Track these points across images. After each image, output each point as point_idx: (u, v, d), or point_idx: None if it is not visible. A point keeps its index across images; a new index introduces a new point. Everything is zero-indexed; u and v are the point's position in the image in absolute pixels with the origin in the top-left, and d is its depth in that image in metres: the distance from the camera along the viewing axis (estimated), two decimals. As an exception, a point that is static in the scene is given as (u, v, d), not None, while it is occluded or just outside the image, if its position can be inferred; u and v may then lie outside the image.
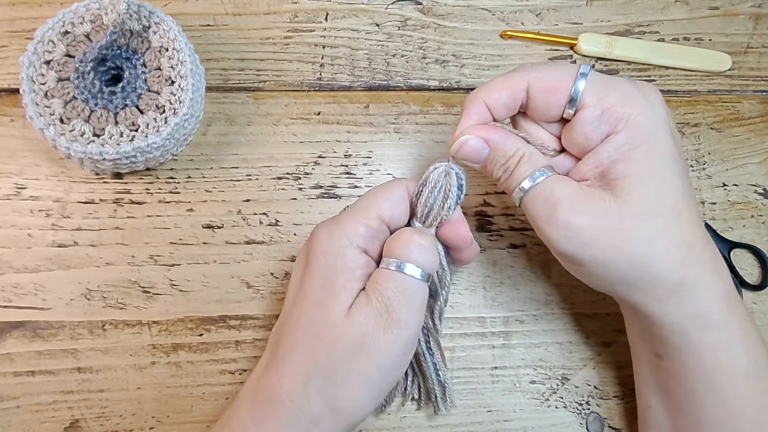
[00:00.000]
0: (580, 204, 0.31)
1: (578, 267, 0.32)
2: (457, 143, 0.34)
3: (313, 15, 0.45)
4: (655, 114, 0.31)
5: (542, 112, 0.33)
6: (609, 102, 0.31)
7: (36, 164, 0.41)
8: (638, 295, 0.32)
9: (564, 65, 0.34)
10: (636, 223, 0.30)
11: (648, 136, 0.31)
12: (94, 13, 0.39)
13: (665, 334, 0.33)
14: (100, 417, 0.38)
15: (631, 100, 0.31)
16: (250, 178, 0.42)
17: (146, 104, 0.38)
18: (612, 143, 0.31)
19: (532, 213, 0.32)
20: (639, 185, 0.31)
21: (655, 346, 0.34)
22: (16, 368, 0.39)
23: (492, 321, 0.42)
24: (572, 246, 0.31)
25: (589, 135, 0.32)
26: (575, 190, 0.32)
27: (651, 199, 0.31)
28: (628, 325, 0.37)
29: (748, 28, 0.48)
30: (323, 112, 0.44)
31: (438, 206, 0.34)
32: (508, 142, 0.33)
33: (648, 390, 0.36)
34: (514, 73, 0.33)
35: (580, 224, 0.31)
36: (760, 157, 0.45)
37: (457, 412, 0.40)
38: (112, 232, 0.41)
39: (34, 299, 0.39)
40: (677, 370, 0.33)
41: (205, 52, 0.43)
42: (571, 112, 0.32)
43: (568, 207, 0.31)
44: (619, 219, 0.30)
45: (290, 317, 0.32)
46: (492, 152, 0.33)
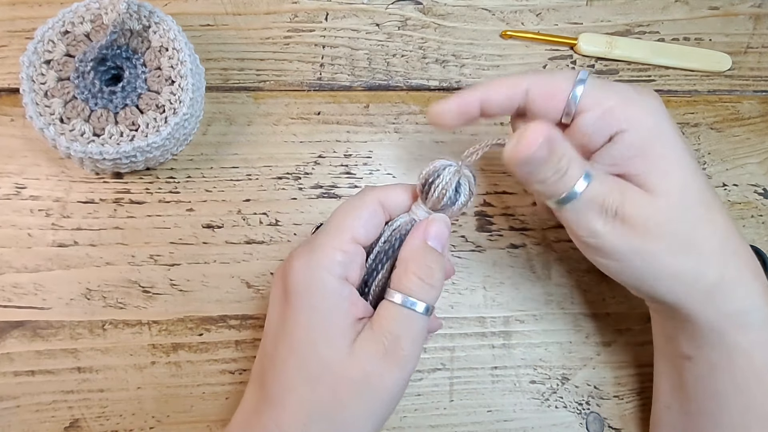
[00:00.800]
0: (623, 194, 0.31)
1: (618, 263, 0.32)
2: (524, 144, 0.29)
3: (313, 15, 0.45)
4: (657, 113, 0.32)
5: (541, 116, 0.33)
6: (608, 104, 0.32)
7: (36, 164, 0.41)
8: (676, 292, 0.31)
9: (563, 71, 0.34)
10: (672, 214, 0.31)
11: (658, 132, 0.31)
12: (94, 13, 0.39)
13: (700, 334, 0.32)
14: (100, 417, 0.38)
15: (630, 101, 0.32)
16: (250, 177, 0.42)
17: (146, 104, 0.38)
18: (623, 141, 0.31)
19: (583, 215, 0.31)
20: (666, 178, 0.31)
21: (685, 347, 0.34)
22: (16, 368, 0.39)
23: (492, 321, 0.42)
24: (619, 238, 0.31)
25: (591, 137, 0.32)
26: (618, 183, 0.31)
27: (681, 191, 0.31)
28: (656, 327, 0.37)
29: (748, 28, 0.48)
30: (323, 111, 0.44)
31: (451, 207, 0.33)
32: (566, 144, 0.30)
33: (669, 391, 0.36)
34: (513, 76, 0.34)
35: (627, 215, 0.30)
36: (760, 157, 0.45)
37: (457, 412, 0.40)
38: (112, 231, 0.41)
39: (34, 299, 0.39)
40: (706, 372, 0.33)
41: (205, 52, 0.43)
42: (569, 118, 0.33)
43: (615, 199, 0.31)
44: (656, 211, 0.30)
45: (276, 357, 0.30)
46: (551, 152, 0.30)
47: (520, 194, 0.44)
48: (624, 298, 0.42)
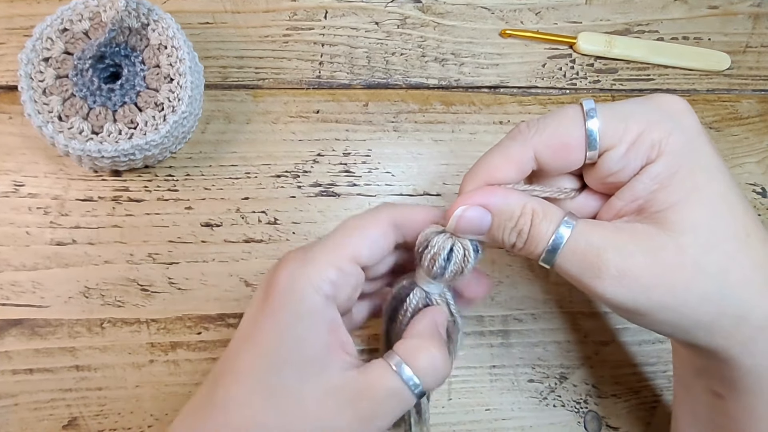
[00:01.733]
0: (626, 246, 0.27)
1: (645, 317, 0.27)
2: (453, 219, 0.29)
3: (312, 13, 0.45)
4: (686, 127, 0.28)
5: (560, 170, 0.29)
6: (632, 134, 0.27)
7: (34, 162, 0.41)
8: (718, 338, 0.27)
9: (564, 113, 0.29)
10: (700, 253, 0.26)
11: (686, 155, 0.27)
12: (92, 11, 0.39)
13: (738, 378, 0.28)
14: (98, 415, 0.38)
15: (654, 123, 0.27)
16: (249, 176, 0.42)
17: (145, 102, 0.38)
18: (648, 174, 0.27)
19: (573, 272, 0.27)
20: (690, 211, 0.27)
21: (716, 386, 0.30)
22: (14, 366, 0.39)
23: (490, 320, 0.42)
24: (633, 296, 0.26)
25: (619, 174, 0.28)
26: (615, 231, 0.27)
27: (709, 224, 0.27)
28: (681, 360, 0.33)
29: (747, 27, 0.48)
30: (322, 110, 0.44)
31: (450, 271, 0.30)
32: (512, 201, 0.28)
33: (693, 423, 0.33)
34: (512, 143, 0.29)
35: (636, 269, 0.26)
36: (759, 156, 0.45)
37: (455, 410, 0.40)
38: (111, 230, 0.40)
39: (32, 297, 0.39)
40: (740, 414, 0.29)
41: (204, 50, 0.43)
42: (595, 157, 0.28)
43: (615, 253, 0.26)
44: (679, 253, 0.26)
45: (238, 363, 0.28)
46: (496, 218, 0.28)
47: (519, 193, 0.44)
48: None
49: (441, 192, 0.43)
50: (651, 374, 0.42)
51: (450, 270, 0.30)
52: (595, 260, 0.27)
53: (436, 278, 0.30)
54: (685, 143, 0.27)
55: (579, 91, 0.46)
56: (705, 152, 0.28)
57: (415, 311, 0.31)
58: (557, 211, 0.28)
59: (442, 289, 0.31)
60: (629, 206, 0.28)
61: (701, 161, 0.27)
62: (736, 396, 0.29)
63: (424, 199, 0.43)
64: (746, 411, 0.29)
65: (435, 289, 0.31)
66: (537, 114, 0.45)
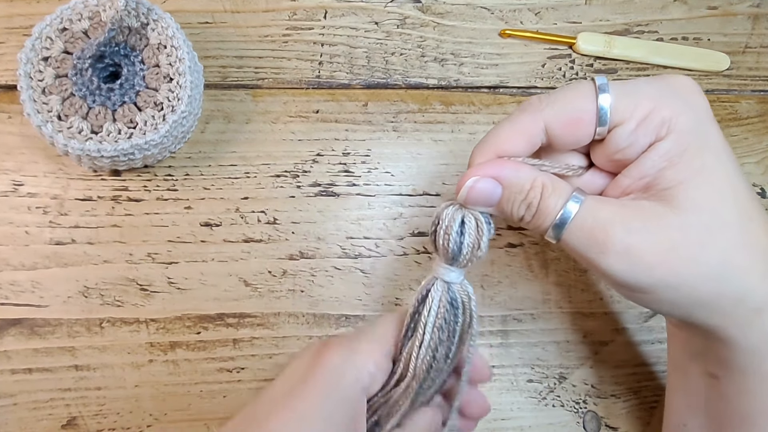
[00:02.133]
0: (632, 222, 0.27)
1: (646, 295, 0.28)
2: (464, 189, 0.29)
3: (311, 13, 0.45)
4: (696, 107, 0.28)
5: (569, 145, 0.29)
6: (642, 111, 0.27)
7: (34, 161, 0.41)
8: (717, 317, 0.28)
9: (576, 88, 0.29)
10: (704, 233, 0.26)
11: (695, 135, 0.27)
12: (92, 10, 0.39)
13: (734, 357, 0.29)
14: (97, 415, 0.38)
15: (665, 101, 0.27)
16: (249, 175, 0.42)
17: (144, 101, 0.38)
18: (656, 151, 0.27)
19: (579, 248, 0.28)
20: (697, 190, 0.27)
21: (712, 367, 0.31)
22: (14, 366, 0.38)
23: (490, 320, 0.42)
24: (637, 272, 0.27)
25: (627, 151, 0.28)
26: (622, 208, 0.27)
27: (715, 204, 0.27)
28: (676, 342, 0.34)
29: (747, 28, 0.48)
30: (322, 110, 0.44)
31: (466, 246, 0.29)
32: (522, 174, 0.28)
33: (687, 408, 0.33)
34: (523, 115, 0.29)
35: (641, 245, 0.26)
36: (758, 156, 0.45)
37: (454, 410, 0.40)
38: (110, 229, 0.40)
39: (31, 297, 0.39)
40: (734, 393, 0.30)
41: (204, 50, 0.43)
42: (605, 133, 0.28)
43: (621, 229, 0.26)
44: (685, 231, 0.26)
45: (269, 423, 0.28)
46: (506, 190, 0.29)
47: (519, 193, 0.44)
48: (621, 297, 0.42)
49: (440, 192, 0.43)
50: (650, 374, 0.42)
51: (466, 244, 0.29)
52: (601, 236, 0.27)
53: (454, 259, 0.30)
54: (695, 123, 0.27)
55: (578, 91, 0.46)
56: (713, 133, 0.28)
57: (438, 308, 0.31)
58: (566, 186, 0.28)
59: (462, 279, 0.31)
60: (636, 183, 0.28)
61: (710, 142, 0.27)
62: (730, 375, 0.30)
63: (423, 199, 0.43)
64: (741, 390, 0.29)
65: (455, 278, 0.31)
66: (536, 114, 0.45)
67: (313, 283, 0.41)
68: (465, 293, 0.31)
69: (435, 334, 0.31)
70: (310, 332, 0.40)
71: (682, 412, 0.33)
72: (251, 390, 0.40)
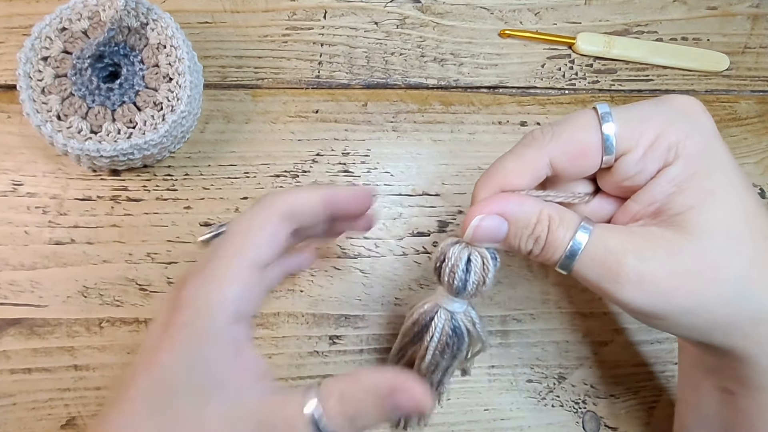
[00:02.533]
0: (644, 251, 0.26)
1: (663, 321, 0.27)
2: (470, 229, 0.28)
3: (311, 13, 0.45)
4: (703, 129, 0.28)
5: (576, 176, 0.29)
6: (648, 137, 0.27)
7: (33, 161, 0.41)
8: (736, 338, 0.27)
9: (579, 119, 0.28)
10: (719, 256, 0.26)
11: (703, 158, 0.27)
12: (91, 10, 0.39)
13: (752, 375, 0.28)
14: (96, 414, 0.38)
15: (671, 125, 0.27)
16: (248, 175, 0.42)
17: (144, 101, 0.38)
18: (665, 176, 0.27)
19: (591, 278, 0.27)
20: (708, 214, 0.26)
21: (727, 382, 0.30)
22: (13, 366, 0.38)
23: (489, 320, 0.42)
24: (653, 301, 0.26)
25: (636, 178, 0.28)
26: (632, 235, 0.27)
27: (728, 227, 0.26)
28: (689, 358, 0.33)
29: (746, 28, 0.48)
30: (321, 110, 0.44)
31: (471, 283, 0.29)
32: (527, 209, 0.28)
33: (698, 422, 0.33)
34: (528, 150, 0.28)
35: (656, 273, 0.26)
36: (757, 157, 0.45)
37: (453, 410, 0.40)
38: (109, 229, 0.40)
39: (30, 296, 0.39)
40: (752, 409, 0.29)
41: (203, 50, 0.43)
42: (611, 161, 0.28)
43: (633, 258, 0.26)
44: (698, 256, 0.26)
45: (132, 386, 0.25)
46: (512, 226, 0.28)
47: (518, 193, 0.44)
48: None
49: (440, 192, 0.43)
50: (649, 374, 0.42)
51: (471, 282, 0.29)
52: (614, 266, 0.26)
53: (459, 294, 0.30)
54: (703, 145, 0.27)
55: (578, 91, 0.46)
56: (722, 154, 0.27)
57: (441, 336, 0.30)
58: (574, 216, 0.28)
59: (465, 307, 0.31)
60: (646, 210, 0.28)
61: (718, 163, 0.27)
62: (747, 392, 0.29)
63: (423, 199, 0.43)
64: (759, 407, 0.29)
65: (459, 307, 0.31)
66: (536, 114, 0.45)
67: (313, 282, 0.41)
68: (469, 320, 0.31)
69: (435, 357, 0.31)
70: (309, 332, 0.40)
71: (695, 425, 0.33)
72: (250, 390, 0.40)
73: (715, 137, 0.28)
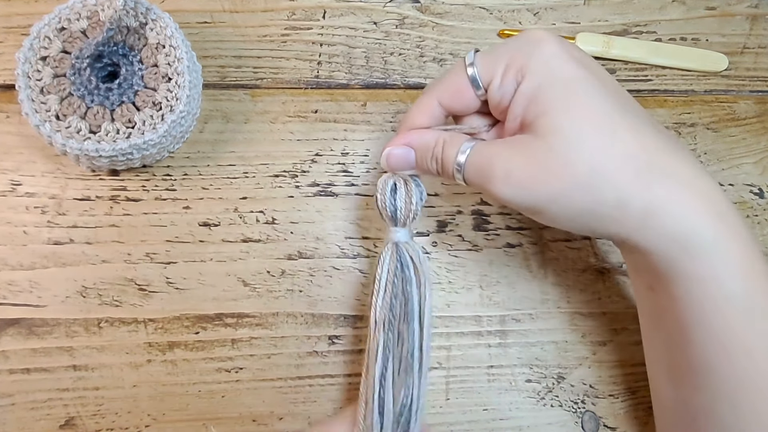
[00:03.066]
0: (509, 153, 0.32)
1: (539, 213, 0.32)
2: (383, 158, 0.36)
3: (310, 13, 0.45)
4: (543, 51, 0.32)
5: (464, 111, 0.36)
6: (501, 67, 0.33)
7: (32, 161, 0.41)
8: (613, 224, 0.31)
9: (452, 68, 0.35)
10: (566, 150, 0.30)
11: (545, 73, 0.31)
12: (90, 9, 0.38)
13: (654, 262, 0.31)
14: (95, 415, 0.38)
15: (516, 52, 0.32)
16: (247, 175, 0.42)
17: (143, 101, 0.38)
18: (519, 93, 0.32)
19: (475, 181, 0.33)
20: (554, 116, 0.31)
21: (647, 278, 0.33)
22: (11, 366, 0.38)
23: (488, 320, 0.42)
24: (519, 193, 0.31)
25: (503, 101, 0.33)
26: (503, 144, 0.32)
27: (572, 125, 0.30)
28: (626, 261, 0.36)
29: (745, 28, 0.48)
30: (320, 110, 0.44)
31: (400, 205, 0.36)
32: (427, 137, 0.35)
33: (646, 324, 0.35)
34: (422, 97, 0.36)
35: (517, 170, 0.31)
36: (756, 157, 0.46)
37: (453, 410, 0.40)
38: (108, 229, 0.40)
39: (29, 296, 0.39)
40: (668, 302, 0.32)
41: (202, 50, 0.43)
42: (484, 96, 0.34)
43: (500, 159, 0.31)
44: (547, 152, 0.30)
45: None
46: (417, 152, 0.35)
47: (517, 193, 0.44)
48: (619, 297, 0.43)
49: (438, 192, 0.43)
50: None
51: (400, 204, 0.36)
52: (487, 168, 0.32)
53: (395, 219, 0.36)
54: (543, 63, 0.31)
55: (577, 91, 0.46)
56: (563, 68, 0.31)
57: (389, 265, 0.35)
58: (462, 137, 0.34)
59: (408, 237, 0.36)
60: (514, 124, 0.33)
61: (560, 76, 0.31)
62: (663, 286, 0.32)
63: (422, 199, 0.43)
64: (671, 298, 0.31)
65: (402, 236, 0.36)
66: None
67: (312, 283, 0.41)
68: (413, 251, 0.36)
69: (389, 287, 0.35)
70: (308, 332, 0.40)
71: (646, 329, 0.36)
72: (249, 390, 0.40)
73: (554, 56, 0.32)
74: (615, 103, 0.31)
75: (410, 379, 0.35)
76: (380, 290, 0.36)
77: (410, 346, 0.35)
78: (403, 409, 0.35)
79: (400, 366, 0.35)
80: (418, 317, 0.35)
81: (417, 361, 0.35)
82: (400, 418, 0.35)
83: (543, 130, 0.31)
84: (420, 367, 0.35)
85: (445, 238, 0.43)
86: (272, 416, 0.39)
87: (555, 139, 0.30)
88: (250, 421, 0.39)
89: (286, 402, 0.40)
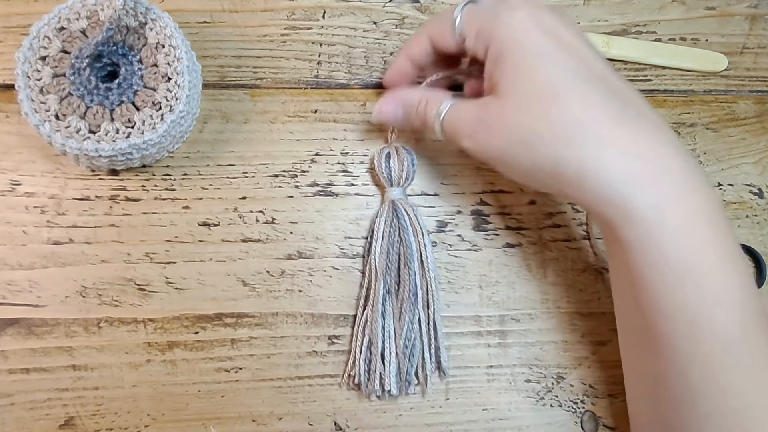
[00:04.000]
0: (476, 114, 0.35)
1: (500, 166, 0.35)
2: (374, 114, 0.40)
3: (310, 12, 0.45)
4: (512, 18, 0.34)
5: (448, 49, 0.38)
6: (477, 25, 0.35)
7: (31, 161, 0.41)
8: (555, 184, 0.33)
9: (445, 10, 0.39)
10: (515, 111, 0.33)
11: (509, 40, 0.33)
12: (90, 9, 0.38)
13: (601, 226, 0.33)
14: (95, 415, 0.38)
15: (492, 16, 0.34)
16: (247, 175, 0.42)
17: (142, 101, 0.38)
18: (488, 56, 0.35)
19: (451, 137, 0.36)
20: (509, 81, 0.33)
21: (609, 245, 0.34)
22: (11, 366, 0.38)
23: (488, 320, 0.42)
24: (481, 147, 0.34)
25: (477, 57, 0.36)
26: (474, 103, 0.35)
27: (522, 88, 0.33)
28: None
29: (744, 28, 0.48)
30: (320, 110, 0.44)
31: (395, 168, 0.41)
32: (412, 95, 0.39)
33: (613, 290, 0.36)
34: (418, 32, 0.39)
35: (480, 127, 0.34)
36: (756, 157, 0.46)
37: (452, 410, 0.40)
38: (108, 229, 0.40)
39: (28, 296, 0.39)
40: (618, 268, 0.33)
41: (202, 49, 0.43)
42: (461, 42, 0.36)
43: (469, 117, 0.35)
44: (501, 112, 0.33)
45: None
46: (404, 109, 0.39)
47: (517, 193, 0.44)
48: (619, 297, 0.43)
49: (438, 192, 0.43)
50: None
51: (395, 168, 0.41)
52: (458, 124, 0.36)
53: (392, 180, 0.41)
54: (510, 29, 0.33)
55: (577, 91, 0.46)
56: (527, 36, 0.33)
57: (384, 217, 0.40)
58: (444, 96, 0.37)
59: (402, 195, 0.41)
60: (487, 85, 0.35)
61: (522, 42, 0.33)
62: (611, 251, 0.34)
63: (421, 199, 0.43)
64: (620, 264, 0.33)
65: (397, 194, 0.41)
66: (535, 114, 0.45)
67: (312, 282, 0.41)
68: (409, 206, 0.41)
69: (385, 236, 0.40)
70: (308, 332, 0.40)
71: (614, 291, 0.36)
72: (249, 390, 0.40)
73: (521, 24, 0.33)
74: (576, 72, 0.32)
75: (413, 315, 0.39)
76: (377, 239, 0.40)
77: (411, 287, 0.39)
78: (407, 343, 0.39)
79: (400, 309, 0.39)
80: (418, 260, 0.40)
81: (421, 300, 0.39)
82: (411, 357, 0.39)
83: (501, 93, 0.33)
84: (426, 305, 0.39)
85: (444, 238, 0.43)
86: (272, 416, 0.39)
87: (507, 101, 0.33)
88: (249, 421, 0.39)
89: (285, 402, 0.40)
